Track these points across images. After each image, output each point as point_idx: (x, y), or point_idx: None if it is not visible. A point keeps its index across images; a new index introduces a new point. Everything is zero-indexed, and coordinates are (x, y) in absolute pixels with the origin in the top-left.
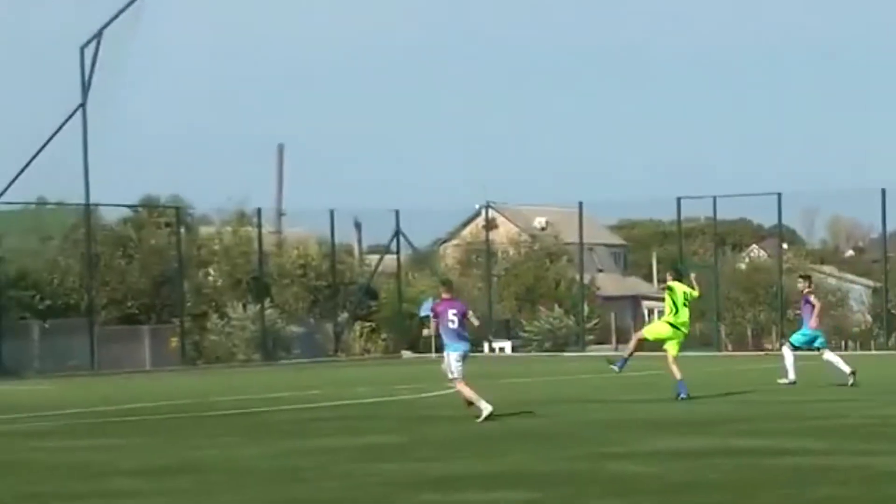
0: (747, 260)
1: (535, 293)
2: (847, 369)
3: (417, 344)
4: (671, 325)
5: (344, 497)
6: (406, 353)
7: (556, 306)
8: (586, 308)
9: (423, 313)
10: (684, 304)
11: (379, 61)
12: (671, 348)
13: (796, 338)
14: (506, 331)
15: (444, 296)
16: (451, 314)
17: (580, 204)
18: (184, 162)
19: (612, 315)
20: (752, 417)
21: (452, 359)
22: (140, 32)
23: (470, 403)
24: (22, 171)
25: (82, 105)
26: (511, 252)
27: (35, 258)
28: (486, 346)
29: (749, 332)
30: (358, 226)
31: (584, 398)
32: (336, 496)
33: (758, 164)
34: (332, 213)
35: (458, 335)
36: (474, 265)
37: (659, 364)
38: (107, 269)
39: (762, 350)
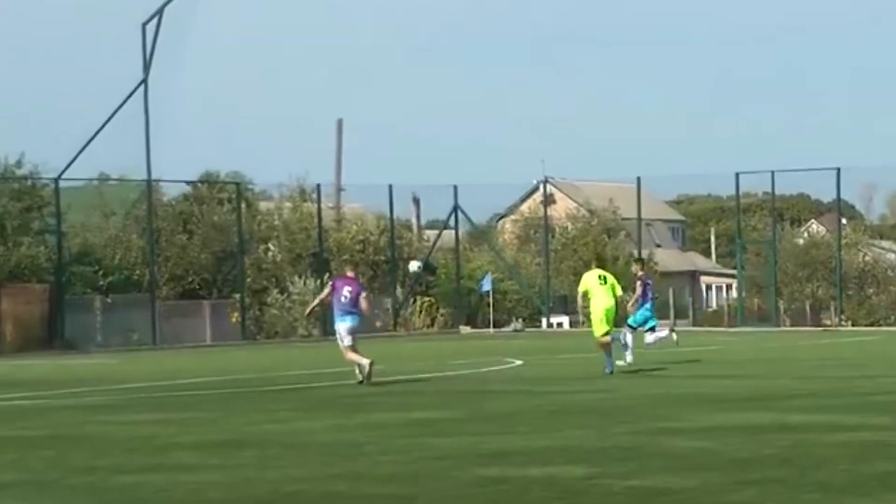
0: (806, 235)
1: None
2: (665, 333)
3: (475, 319)
4: (595, 310)
5: (402, 471)
6: (464, 329)
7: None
8: None
9: (483, 288)
10: (602, 284)
11: (437, 36)
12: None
13: (637, 318)
14: (563, 306)
15: (349, 274)
16: (346, 290)
17: (638, 179)
18: (244, 138)
19: (671, 290)
20: (811, 393)
21: (341, 329)
22: (201, 9)
23: (359, 366)
24: (84, 147)
25: (144, 81)
26: (569, 227)
27: (97, 234)
28: (543, 321)
29: (807, 308)
30: (416, 201)
31: (641, 373)
32: (394, 470)
33: (817, 139)
34: (390, 188)
35: (347, 311)
36: (532, 240)
37: (714, 340)
38: (168, 245)
39: (821, 325)
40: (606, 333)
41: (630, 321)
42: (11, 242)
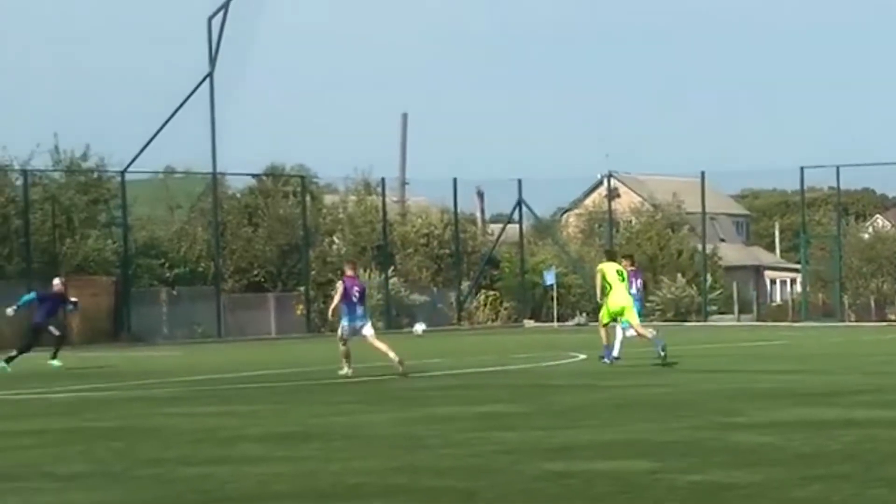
0: (871, 230)
1: (656, 263)
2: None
3: (539, 313)
4: (610, 304)
5: (466, 465)
6: (528, 322)
7: (678, 276)
8: (709, 278)
9: (547, 282)
10: (621, 281)
11: (503, 30)
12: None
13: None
14: None
15: (349, 273)
16: (356, 290)
17: (703, 174)
18: (309, 131)
19: (735, 285)
20: (877, 388)
21: (356, 327)
22: (267, 2)
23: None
24: (150, 140)
25: (210, 75)
26: (633, 221)
27: (163, 227)
28: None
29: (872, 303)
30: (481, 195)
31: (705, 368)
32: (458, 464)
33: (882, 133)
34: (455, 182)
35: (358, 308)
36: (596, 234)
37: (777, 334)
38: (233, 238)
39: (885, 321)
40: (606, 325)
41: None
42: (79, 235)
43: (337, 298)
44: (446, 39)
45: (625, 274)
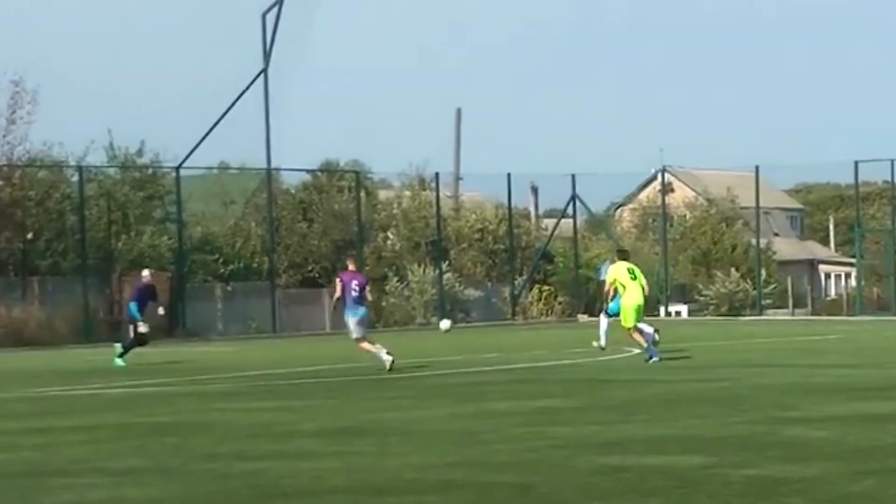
0: None
1: (710, 257)
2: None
3: (594, 307)
4: (626, 305)
5: (520, 460)
6: (582, 317)
7: (732, 270)
8: (763, 272)
9: (600, 277)
10: (632, 280)
11: (555, 24)
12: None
13: (612, 307)
14: (682, 294)
15: (350, 268)
16: (355, 284)
17: (756, 168)
18: (363, 127)
19: (789, 279)
20: None
21: (351, 322)
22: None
23: (376, 357)
24: (205, 136)
25: (264, 70)
26: (687, 216)
27: (217, 222)
28: (661, 309)
29: None
30: (534, 190)
31: (760, 362)
32: (512, 459)
33: None
34: (508, 177)
35: (356, 302)
36: (650, 229)
37: (832, 328)
38: (288, 233)
39: None
40: (634, 327)
41: (609, 309)
42: (134, 231)
43: (337, 293)
44: (500, 34)
45: (636, 272)
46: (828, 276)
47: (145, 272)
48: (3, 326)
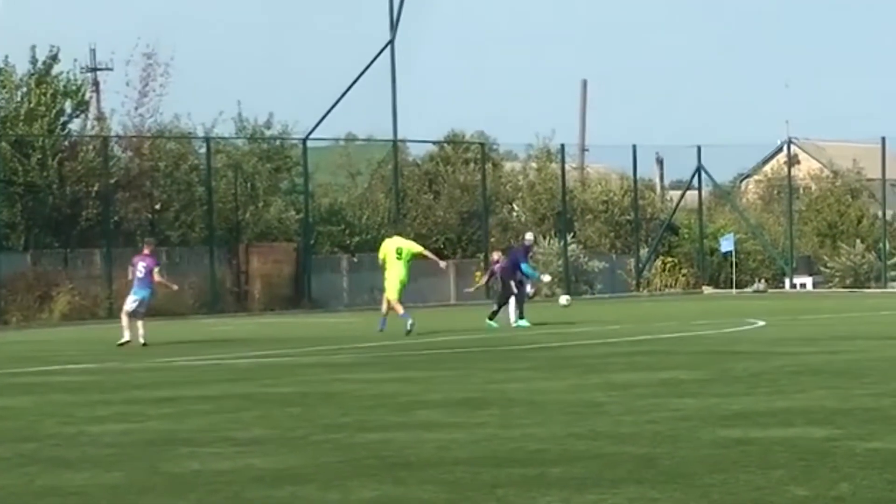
0: None
1: (836, 229)
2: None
3: (718, 279)
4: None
5: (644, 431)
6: (707, 289)
7: (857, 242)
8: (888, 244)
9: (724, 249)
10: (398, 259)
11: None
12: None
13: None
14: (807, 266)
15: (145, 251)
16: (141, 266)
17: (883, 139)
18: (489, 98)
19: None
20: None
21: (134, 300)
22: None
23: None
24: (332, 107)
25: (391, 42)
26: (812, 188)
27: (344, 194)
28: (787, 281)
29: None
30: (660, 161)
31: (885, 335)
32: (636, 430)
33: None
34: (634, 148)
35: (143, 285)
36: (775, 201)
37: None
38: (413, 205)
39: None
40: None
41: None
42: (261, 203)
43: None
44: (626, 5)
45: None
46: None
47: (528, 235)
48: None
